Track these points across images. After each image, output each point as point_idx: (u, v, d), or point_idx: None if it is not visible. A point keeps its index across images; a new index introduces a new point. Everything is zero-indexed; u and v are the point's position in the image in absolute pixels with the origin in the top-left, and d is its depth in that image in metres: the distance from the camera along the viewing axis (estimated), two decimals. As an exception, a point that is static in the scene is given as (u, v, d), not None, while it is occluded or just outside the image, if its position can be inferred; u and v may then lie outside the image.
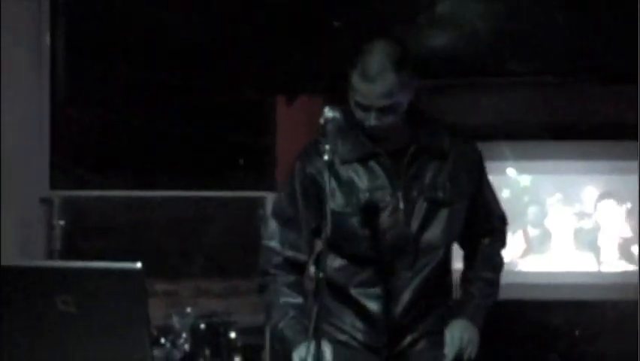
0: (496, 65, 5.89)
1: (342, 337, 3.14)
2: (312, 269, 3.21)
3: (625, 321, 5.69)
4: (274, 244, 3.17)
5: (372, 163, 3.06)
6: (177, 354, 3.96)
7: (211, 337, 3.95)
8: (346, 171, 3.07)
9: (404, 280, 3.08)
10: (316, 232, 3.14)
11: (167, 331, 4.09)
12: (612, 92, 5.98)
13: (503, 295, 3.33)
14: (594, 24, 5.76)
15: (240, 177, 5.97)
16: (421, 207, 3.06)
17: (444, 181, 3.08)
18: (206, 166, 5.98)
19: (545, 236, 6.06)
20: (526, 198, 6.09)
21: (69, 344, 2.65)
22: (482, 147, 3.24)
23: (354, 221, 3.05)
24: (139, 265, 2.59)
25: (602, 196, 6.09)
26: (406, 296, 3.08)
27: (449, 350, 3.06)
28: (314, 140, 3.10)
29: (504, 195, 5.99)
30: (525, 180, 6.11)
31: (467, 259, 3.29)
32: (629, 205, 6.00)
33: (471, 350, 3.09)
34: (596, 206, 6.09)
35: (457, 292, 3.26)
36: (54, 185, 5.74)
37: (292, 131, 5.92)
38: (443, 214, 3.08)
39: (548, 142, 6.06)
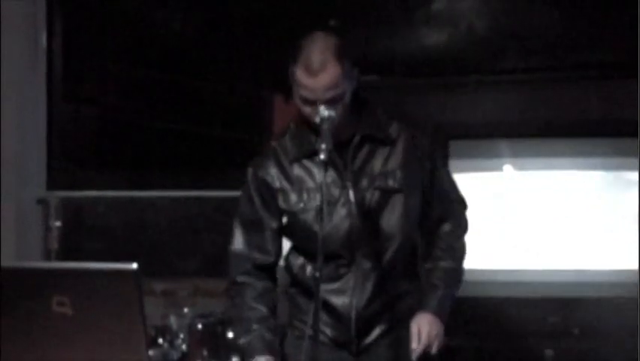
0: (492, 62, 5.88)
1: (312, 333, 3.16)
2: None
3: (624, 319, 5.68)
4: (241, 249, 3.21)
5: (319, 159, 3.05)
6: (175, 354, 3.95)
7: (208, 337, 3.94)
8: (296, 170, 3.12)
9: (365, 271, 3.10)
10: (279, 233, 3.21)
11: (164, 331, 4.08)
12: (610, 87, 5.96)
13: (500, 293, 3.32)
14: (591, 19, 5.75)
15: (237, 176, 5.96)
16: (372, 196, 3.08)
17: (394, 169, 3.10)
18: (204, 165, 5.97)
19: (542, 233, 6.05)
20: (523, 196, 6.08)
21: (65, 345, 2.64)
22: (480, 144, 3.24)
23: (308, 218, 3.09)
24: (135, 265, 2.59)
25: (601, 193, 6.08)
26: (368, 288, 3.10)
27: (416, 346, 3.05)
28: (269, 144, 3.22)
29: (500, 192, 5.97)
30: (522, 177, 6.10)
31: (427, 247, 3.27)
32: (628, 202, 5.99)
33: (437, 345, 3.08)
34: (594, 203, 6.08)
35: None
36: (51, 186, 5.73)
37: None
38: (397, 202, 3.09)
39: (545, 139, 6.05)
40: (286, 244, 3.31)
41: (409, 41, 5.84)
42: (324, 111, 2.93)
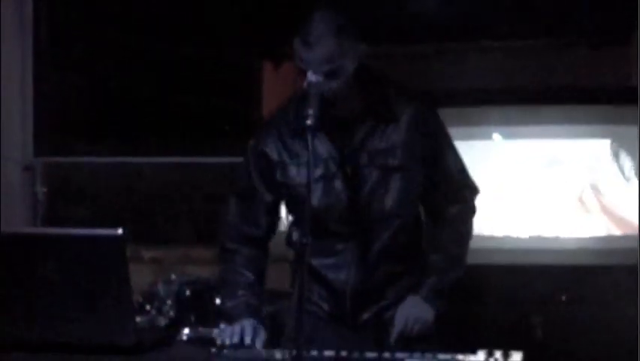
0: (483, 29, 5.85)
1: (311, 307, 3.13)
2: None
3: (624, 286, 5.68)
4: (232, 218, 3.21)
5: (319, 133, 3.02)
6: (162, 321, 3.96)
7: (196, 303, 3.95)
8: (296, 143, 3.08)
9: (362, 248, 3.08)
10: (274, 207, 3.20)
11: (152, 297, 4.08)
12: (602, 54, 5.95)
13: (492, 260, 3.30)
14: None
15: (226, 143, 5.95)
16: (371, 174, 3.05)
17: (395, 146, 3.06)
18: (192, 132, 5.96)
19: (532, 201, 6.05)
20: (514, 163, 6.07)
21: (50, 310, 2.64)
22: (469, 112, 3.21)
23: (305, 192, 3.00)
24: (120, 231, 2.59)
25: (598, 160, 6.07)
26: (364, 265, 3.08)
27: (394, 329, 3.04)
28: (272, 115, 3.20)
29: (491, 160, 5.97)
30: (513, 145, 6.09)
31: (433, 230, 3.23)
32: (626, 169, 5.98)
33: (419, 329, 3.05)
34: (591, 169, 6.07)
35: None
36: (38, 152, 5.72)
37: (278, 97, 5.89)
38: (396, 181, 3.06)
39: (535, 106, 6.04)
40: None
41: (396, 8, 5.81)
42: (311, 76, 2.91)
